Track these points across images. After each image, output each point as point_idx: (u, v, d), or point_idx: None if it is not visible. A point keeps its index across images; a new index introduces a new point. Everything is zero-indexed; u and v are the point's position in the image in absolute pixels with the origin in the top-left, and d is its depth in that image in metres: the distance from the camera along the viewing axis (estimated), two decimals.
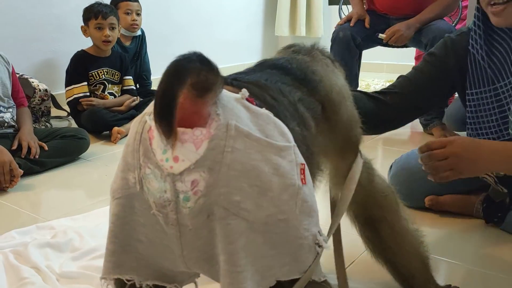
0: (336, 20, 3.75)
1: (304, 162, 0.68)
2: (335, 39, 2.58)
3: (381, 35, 2.52)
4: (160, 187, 0.63)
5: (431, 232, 1.47)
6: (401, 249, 1.04)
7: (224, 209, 0.61)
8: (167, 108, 0.57)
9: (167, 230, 0.65)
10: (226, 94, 0.66)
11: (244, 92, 0.67)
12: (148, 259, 0.71)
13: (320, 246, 0.69)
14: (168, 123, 0.58)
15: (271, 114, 0.67)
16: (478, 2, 1.24)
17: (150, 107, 0.66)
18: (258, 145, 0.63)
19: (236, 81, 0.74)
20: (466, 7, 3.08)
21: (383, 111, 1.28)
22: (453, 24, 2.79)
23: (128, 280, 0.72)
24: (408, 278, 1.06)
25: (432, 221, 1.54)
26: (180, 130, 0.61)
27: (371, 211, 1.00)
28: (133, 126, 0.70)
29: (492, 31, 1.22)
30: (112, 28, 2.68)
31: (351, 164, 0.96)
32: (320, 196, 0.97)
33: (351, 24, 2.55)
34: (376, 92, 1.33)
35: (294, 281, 0.68)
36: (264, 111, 0.67)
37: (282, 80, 0.82)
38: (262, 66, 0.88)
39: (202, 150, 0.61)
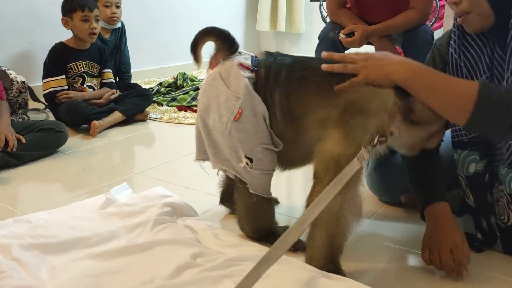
0: (317, 16, 3.76)
1: (243, 109, 1.20)
2: (323, 38, 2.49)
3: (341, 35, 2.32)
4: None
5: (405, 227, 1.51)
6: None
7: (198, 110, 1.30)
8: (193, 47, 1.28)
9: None
10: (233, 59, 1.26)
11: (238, 61, 1.25)
12: None
13: (250, 167, 1.23)
14: (194, 55, 1.29)
15: (243, 77, 1.22)
16: None
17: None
18: (222, 87, 1.23)
19: (269, 57, 1.28)
20: (443, 6, 3.13)
21: None
22: (431, 24, 2.83)
23: None
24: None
25: (406, 215, 1.58)
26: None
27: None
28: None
29: (468, 34, 1.28)
30: (97, 20, 2.67)
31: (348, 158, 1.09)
32: None
33: (356, 39, 2.28)
34: None
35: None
36: (241, 73, 1.22)
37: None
38: None
39: (203, 81, 1.31)
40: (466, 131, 1.32)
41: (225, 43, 1.26)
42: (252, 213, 1.33)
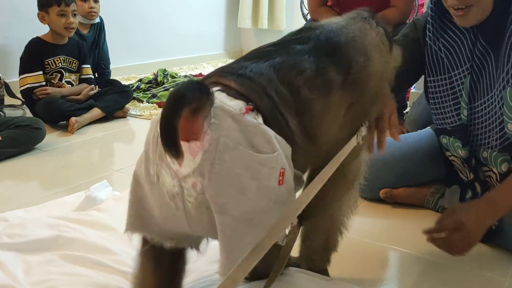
0: (298, 13, 3.77)
1: (285, 166, 0.83)
2: None
3: None
4: (171, 182, 0.80)
5: (384, 222, 1.53)
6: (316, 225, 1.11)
7: (214, 206, 0.79)
8: (172, 140, 0.71)
9: (176, 214, 0.83)
10: (223, 109, 0.80)
11: (241, 109, 0.81)
12: (164, 228, 0.89)
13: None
14: (175, 150, 0.71)
15: (260, 125, 0.81)
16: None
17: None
18: (243, 156, 0.79)
19: (240, 78, 0.86)
20: (422, 5, 3.16)
21: None
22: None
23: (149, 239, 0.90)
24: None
25: (386, 212, 1.60)
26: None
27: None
28: (152, 126, 0.84)
29: (447, 26, 1.31)
30: (74, 15, 2.63)
31: (343, 140, 1.01)
32: None
33: None
34: None
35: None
36: (253, 122, 0.81)
37: (300, 56, 0.92)
38: (286, 43, 0.96)
39: (198, 160, 0.77)
40: None
41: (201, 98, 0.77)
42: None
